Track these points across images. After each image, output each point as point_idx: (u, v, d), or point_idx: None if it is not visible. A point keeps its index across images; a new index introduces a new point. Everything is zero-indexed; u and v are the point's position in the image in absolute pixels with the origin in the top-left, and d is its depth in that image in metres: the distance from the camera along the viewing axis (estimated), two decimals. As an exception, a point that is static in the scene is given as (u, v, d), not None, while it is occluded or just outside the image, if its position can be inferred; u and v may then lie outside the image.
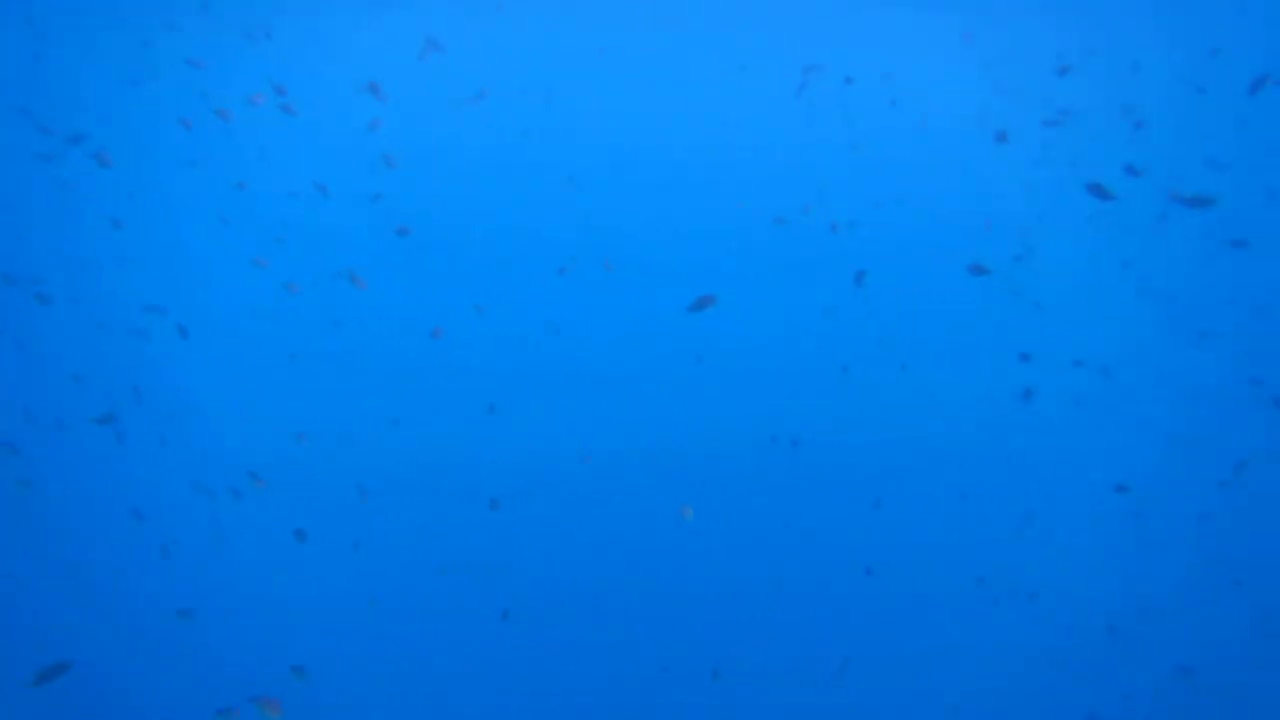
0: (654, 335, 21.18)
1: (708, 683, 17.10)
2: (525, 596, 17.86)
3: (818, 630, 16.57)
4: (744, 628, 17.36)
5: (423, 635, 17.23)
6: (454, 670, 17.07)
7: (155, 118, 19.16)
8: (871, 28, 20.02)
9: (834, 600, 16.68)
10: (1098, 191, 9.97)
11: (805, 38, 20.73)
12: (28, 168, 17.67)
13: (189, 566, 15.73)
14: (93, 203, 18.78)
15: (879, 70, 20.93)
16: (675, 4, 19.95)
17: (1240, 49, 17.82)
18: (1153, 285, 17.85)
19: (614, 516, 18.58)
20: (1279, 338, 16.95)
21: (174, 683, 14.86)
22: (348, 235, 21.09)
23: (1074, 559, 16.00)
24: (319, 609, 16.29)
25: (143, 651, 14.94)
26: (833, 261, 20.62)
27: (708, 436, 19.39)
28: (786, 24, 20.29)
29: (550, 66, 21.99)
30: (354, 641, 16.48)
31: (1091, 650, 15.00)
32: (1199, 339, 17.28)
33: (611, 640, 17.53)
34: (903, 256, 19.94)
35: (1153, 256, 18.21)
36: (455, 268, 21.74)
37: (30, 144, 17.64)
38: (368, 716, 15.64)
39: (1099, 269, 18.43)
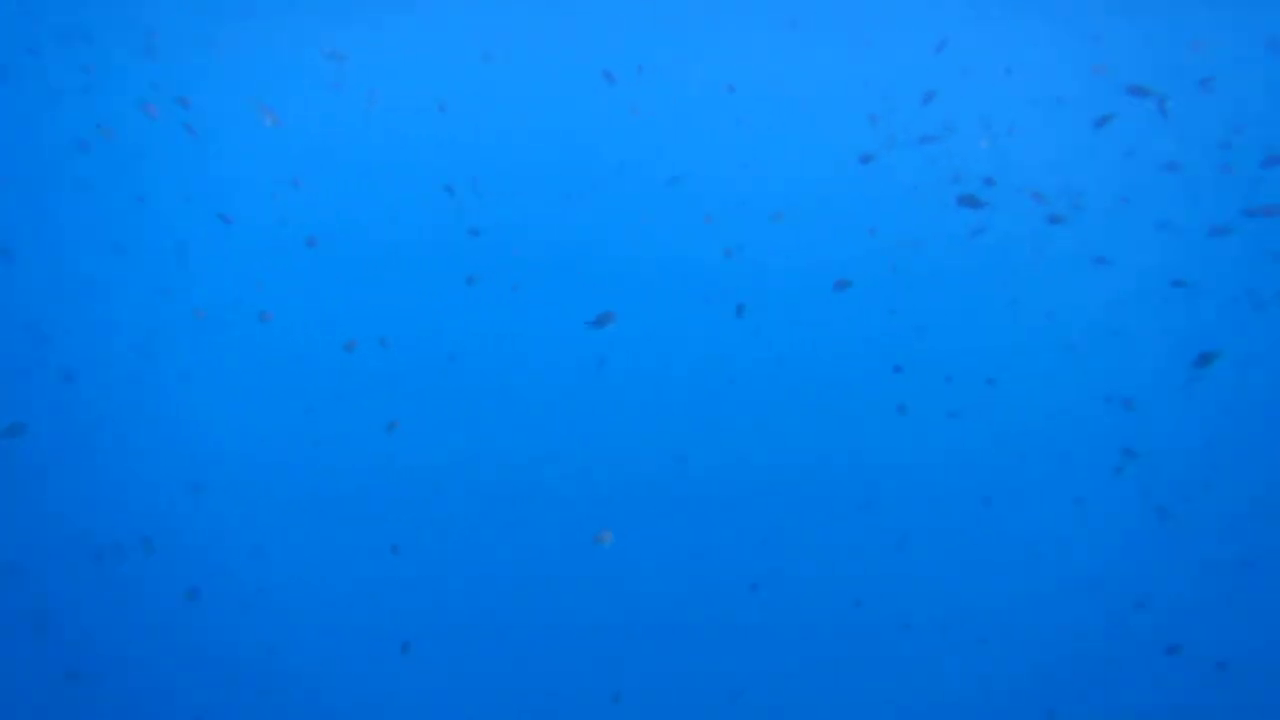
0: (556, 349, 21.28)
1: (609, 706, 17.52)
2: (425, 628, 17.98)
3: (711, 653, 17.06)
4: (645, 649, 17.78)
5: (321, 673, 17.24)
6: (354, 707, 17.15)
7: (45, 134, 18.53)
8: (763, 41, 20.22)
9: (725, 623, 17.17)
10: (969, 202, 10.41)
11: (703, 49, 20.82)
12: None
13: (74, 627, 15.46)
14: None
15: (765, 84, 21.17)
16: (577, 6, 19.83)
17: (1121, 68, 18.47)
18: (1026, 301, 18.61)
19: (510, 542, 18.77)
20: (1134, 351, 17.91)
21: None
22: (250, 254, 20.66)
23: (946, 575, 16.77)
24: (213, 659, 16.18)
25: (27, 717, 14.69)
26: (726, 279, 20.94)
27: (609, 458, 19.64)
28: (685, 35, 20.35)
29: (444, 74, 21.70)
30: (250, 687, 16.43)
31: (963, 662, 15.83)
32: (1064, 352, 18.14)
33: (513, 666, 17.79)
34: (793, 274, 20.34)
35: (1027, 272, 18.95)
36: (361, 282, 21.48)
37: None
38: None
39: (977, 285, 19.10)
